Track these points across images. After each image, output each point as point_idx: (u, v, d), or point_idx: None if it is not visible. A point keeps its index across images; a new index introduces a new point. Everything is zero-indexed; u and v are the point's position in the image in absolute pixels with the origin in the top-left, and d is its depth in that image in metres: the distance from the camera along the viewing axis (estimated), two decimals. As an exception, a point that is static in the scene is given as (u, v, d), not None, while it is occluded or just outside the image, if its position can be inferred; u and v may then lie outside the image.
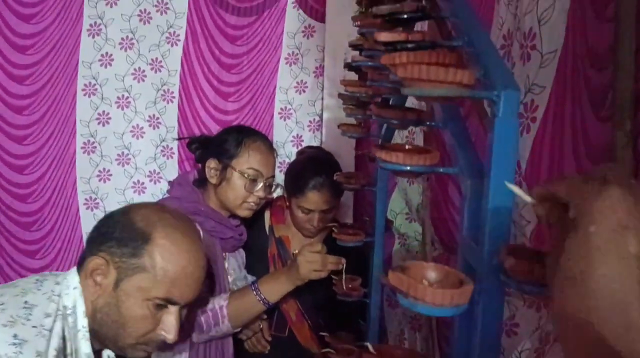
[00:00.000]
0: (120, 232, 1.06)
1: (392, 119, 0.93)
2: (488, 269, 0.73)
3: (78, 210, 2.34)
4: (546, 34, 1.02)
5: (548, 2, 1.02)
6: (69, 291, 1.04)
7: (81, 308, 1.03)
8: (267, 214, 1.94)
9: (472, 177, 0.82)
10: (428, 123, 0.94)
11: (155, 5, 2.25)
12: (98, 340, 1.07)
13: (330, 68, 2.19)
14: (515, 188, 0.54)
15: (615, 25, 0.80)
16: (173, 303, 1.06)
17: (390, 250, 2.05)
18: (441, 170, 0.87)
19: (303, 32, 2.26)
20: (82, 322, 1.03)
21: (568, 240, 0.42)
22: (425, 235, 1.78)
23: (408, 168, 0.83)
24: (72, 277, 1.06)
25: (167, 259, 1.04)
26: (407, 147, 0.90)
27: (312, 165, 1.81)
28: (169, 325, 1.06)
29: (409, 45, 0.82)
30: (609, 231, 0.40)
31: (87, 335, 1.04)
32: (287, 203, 1.87)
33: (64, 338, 0.99)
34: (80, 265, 1.08)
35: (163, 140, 2.31)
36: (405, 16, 0.89)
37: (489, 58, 0.76)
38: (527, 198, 0.50)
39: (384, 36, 0.82)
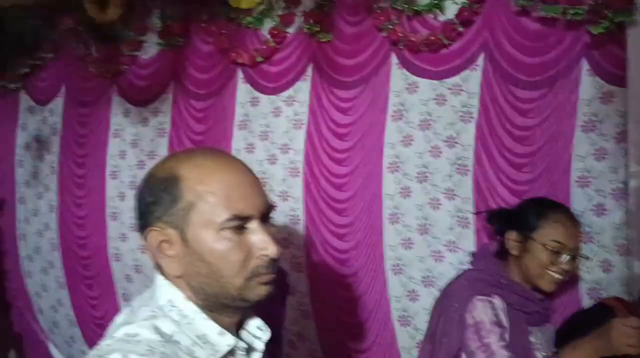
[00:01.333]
0: (151, 195, 0.98)
1: None
2: None
3: (384, 272, 2.65)
4: None
5: None
6: (160, 293, 0.99)
7: (178, 295, 0.97)
8: None
9: None
10: None
11: (450, 89, 2.47)
12: (217, 311, 0.99)
13: (635, 134, 2.07)
14: None
15: None
16: (246, 218, 0.96)
17: None
18: None
19: (600, 98, 2.20)
20: (187, 307, 0.97)
21: None
22: None
23: None
24: (156, 281, 1.01)
25: (206, 182, 0.95)
26: None
27: None
28: (261, 241, 0.96)
29: None
30: None
31: (202, 314, 0.97)
32: None
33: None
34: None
35: (459, 211, 2.47)
36: None
37: None
38: None
39: None
